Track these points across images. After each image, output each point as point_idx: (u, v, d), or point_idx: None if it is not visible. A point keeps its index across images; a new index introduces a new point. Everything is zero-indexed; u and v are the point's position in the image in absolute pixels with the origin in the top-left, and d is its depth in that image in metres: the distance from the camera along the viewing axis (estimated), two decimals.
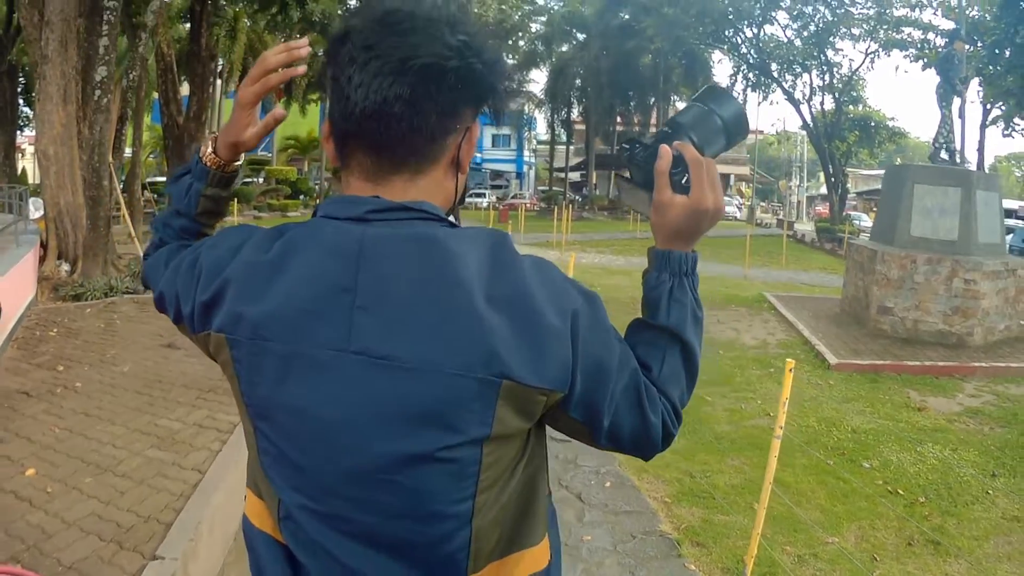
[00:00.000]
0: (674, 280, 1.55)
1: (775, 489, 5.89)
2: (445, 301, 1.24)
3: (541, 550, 1.44)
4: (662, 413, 1.44)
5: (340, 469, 1.31)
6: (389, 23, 1.33)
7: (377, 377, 1.25)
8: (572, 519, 5.63)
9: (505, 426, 1.27)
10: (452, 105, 1.34)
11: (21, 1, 13.62)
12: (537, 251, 23.89)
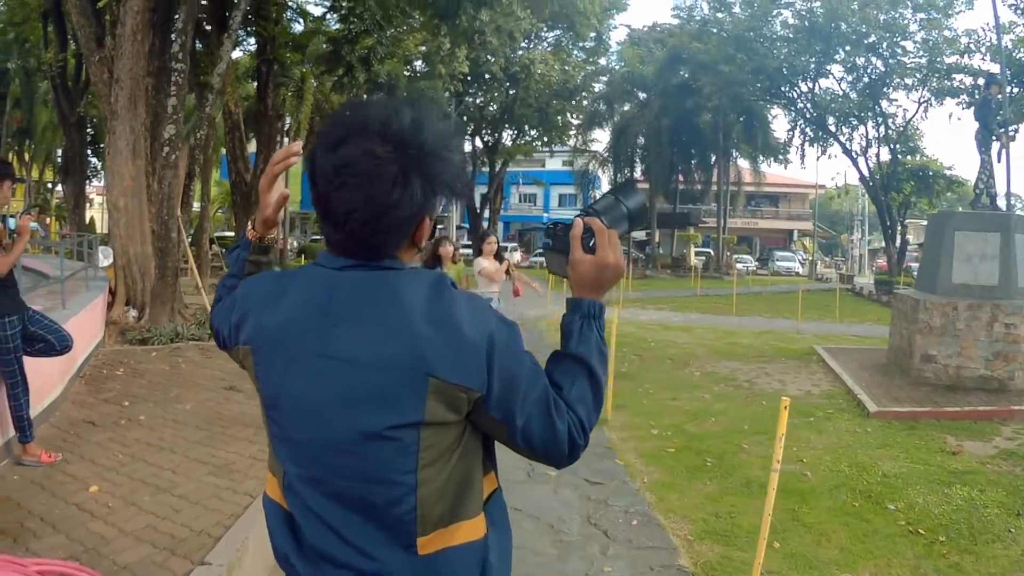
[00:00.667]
0: (583, 321, 1.94)
1: (796, 528, 5.90)
2: (391, 320, 1.71)
3: (477, 523, 1.82)
4: (568, 424, 1.84)
5: (321, 441, 1.76)
6: (341, 169, 1.71)
7: (345, 373, 1.71)
8: (596, 552, 5.72)
9: (435, 415, 1.69)
10: (406, 230, 1.78)
11: (91, 59, 14.02)
12: None
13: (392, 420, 1.68)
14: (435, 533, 1.76)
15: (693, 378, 12.74)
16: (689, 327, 20.70)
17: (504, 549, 1.93)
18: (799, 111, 46.70)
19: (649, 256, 59.80)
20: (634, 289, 34.96)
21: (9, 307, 6.24)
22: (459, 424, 1.75)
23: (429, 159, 1.73)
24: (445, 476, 1.75)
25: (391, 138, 1.71)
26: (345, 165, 1.70)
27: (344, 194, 1.71)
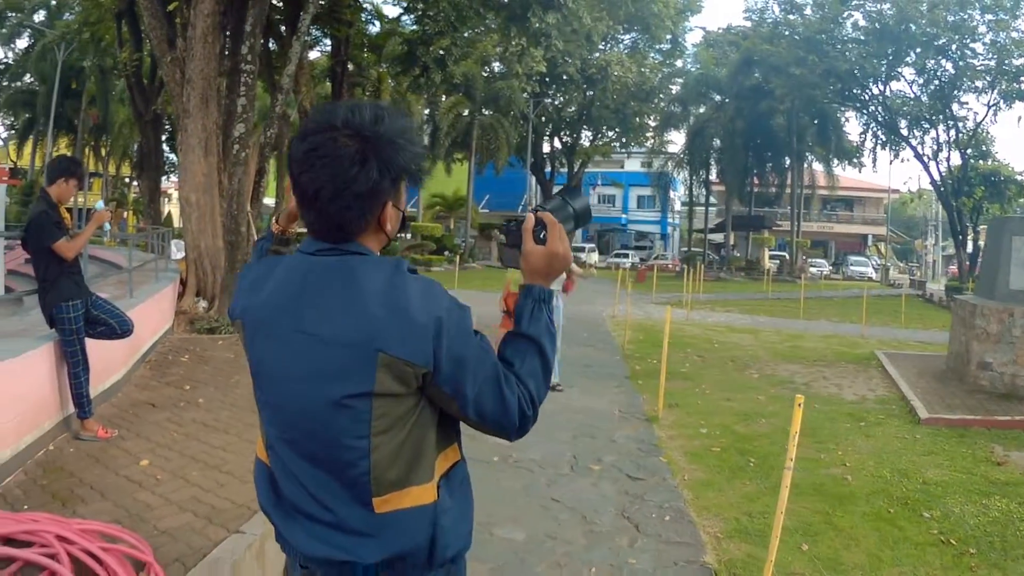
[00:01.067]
0: (534, 305, 2.15)
1: (827, 531, 5.82)
2: (349, 301, 1.93)
3: (427, 489, 1.99)
4: (519, 397, 2.03)
5: (293, 407, 2.00)
6: (307, 152, 1.95)
7: (312, 347, 1.94)
8: (624, 544, 5.76)
9: (384, 387, 1.89)
10: (366, 207, 1.97)
11: (163, 60, 14.27)
12: (665, 309, 24.10)
13: (347, 390, 1.89)
14: (389, 495, 1.96)
15: (751, 380, 12.62)
16: (755, 330, 20.50)
17: (460, 517, 2.10)
18: (871, 114, 45.94)
19: (724, 259, 59.20)
20: (706, 291, 34.67)
21: (74, 292, 6.57)
22: (411, 397, 1.94)
23: (385, 145, 1.95)
24: (398, 443, 1.94)
25: (352, 128, 1.93)
26: (313, 149, 1.94)
27: (312, 174, 1.94)
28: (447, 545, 2.04)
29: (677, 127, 60.30)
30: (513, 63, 30.26)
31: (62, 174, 6.61)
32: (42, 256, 6.49)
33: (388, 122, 1.98)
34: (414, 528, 1.99)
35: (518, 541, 5.80)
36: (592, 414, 9.92)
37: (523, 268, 2.18)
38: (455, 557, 2.11)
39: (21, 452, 6.02)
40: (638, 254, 67.93)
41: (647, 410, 10.13)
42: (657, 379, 10.34)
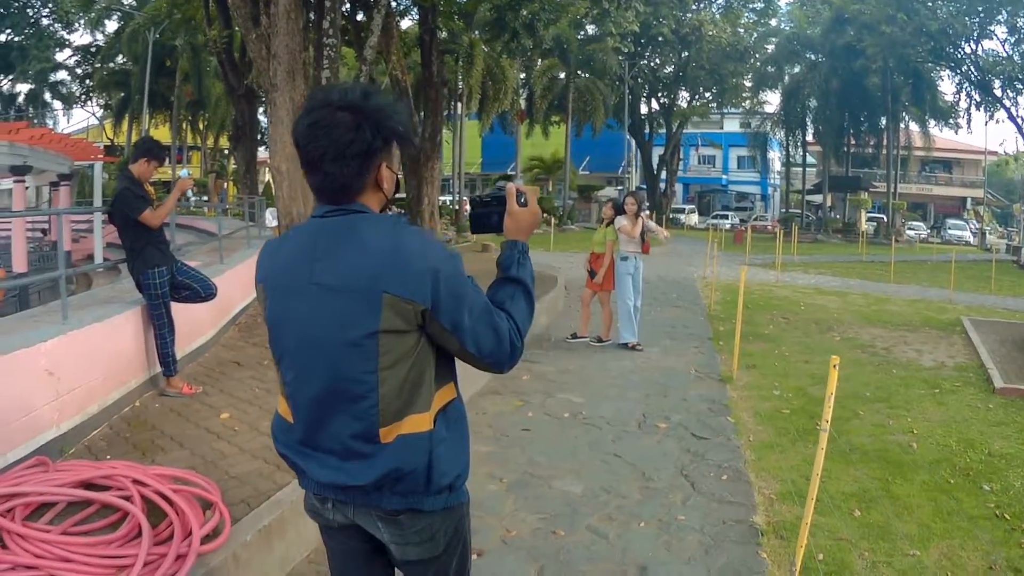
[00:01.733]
0: (520, 255, 2.46)
1: (883, 499, 5.70)
2: (355, 253, 2.18)
3: (424, 417, 2.23)
4: (508, 328, 2.30)
5: (309, 349, 2.24)
6: (309, 125, 2.23)
7: (324, 296, 2.20)
8: (677, 501, 5.77)
9: (390, 324, 2.13)
10: (361, 168, 2.24)
11: (249, 37, 14.41)
12: (759, 271, 23.84)
13: (357, 330, 2.14)
14: (392, 424, 2.20)
15: (832, 343, 12.36)
16: (844, 293, 20.05)
17: (454, 449, 2.33)
18: (964, 74, 44.04)
19: (821, 220, 57.69)
20: (801, 253, 33.94)
21: (159, 259, 6.87)
22: (413, 334, 2.19)
23: (374, 112, 2.23)
24: (402, 377, 2.18)
25: (346, 103, 2.22)
26: (315, 123, 2.22)
27: (316, 143, 2.21)
28: (443, 472, 2.28)
29: (772, 87, 58.80)
30: (607, 22, 29.80)
31: (144, 155, 6.92)
32: (128, 228, 6.80)
33: (376, 97, 2.28)
34: (411, 452, 2.22)
35: (574, 494, 5.85)
36: (669, 374, 9.87)
37: (507, 227, 2.50)
38: (452, 485, 2.32)
39: (108, 407, 6.30)
40: (738, 215, 66.57)
41: (723, 371, 10.01)
42: (740, 340, 10.19)
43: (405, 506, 2.27)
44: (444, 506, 2.33)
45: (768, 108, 62.17)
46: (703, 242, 31.64)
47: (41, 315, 6.67)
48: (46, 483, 4.19)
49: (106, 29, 53.31)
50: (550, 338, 12.05)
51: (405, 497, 2.26)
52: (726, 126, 74.47)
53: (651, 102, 62.67)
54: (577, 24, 43.85)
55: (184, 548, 3.81)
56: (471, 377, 8.74)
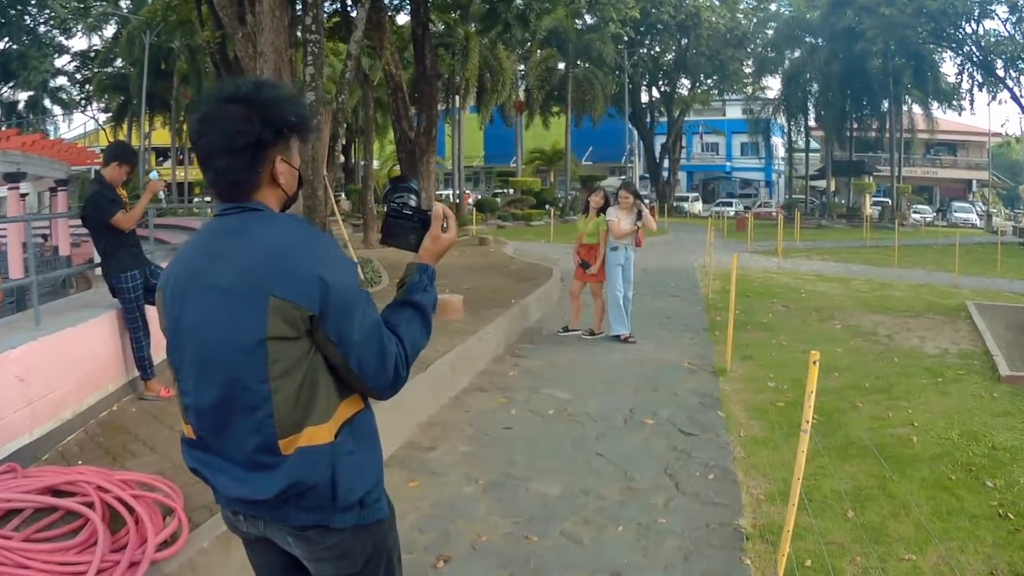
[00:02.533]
0: (428, 281, 2.36)
1: (879, 498, 5.36)
2: (246, 253, 2.07)
3: (324, 429, 2.10)
4: (396, 355, 2.17)
5: (204, 356, 2.11)
6: (200, 119, 2.14)
7: (216, 299, 2.08)
8: (659, 503, 5.46)
9: (277, 329, 2.01)
10: (252, 161, 2.13)
11: (236, 36, 14.28)
12: (760, 258, 23.52)
13: (245, 335, 2.03)
14: (291, 436, 2.07)
15: (833, 331, 12.02)
16: (846, 279, 19.66)
17: (362, 464, 2.20)
18: (966, 54, 43.62)
19: (824, 205, 57.23)
20: (804, 239, 33.59)
21: (131, 262, 6.81)
22: (303, 340, 2.06)
23: (264, 103, 2.14)
24: (295, 386, 2.06)
25: (236, 96, 2.14)
26: (203, 117, 2.14)
27: (206, 138, 2.13)
28: (351, 488, 2.16)
29: (772, 72, 58.41)
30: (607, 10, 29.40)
31: (115, 159, 6.90)
32: (100, 231, 6.75)
33: (269, 89, 2.20)
34: (311, 465, 2.08)
35: (552, 495, 5.57)
36: (660, 366, 9.54)
37: (425, 249, 2.39)
38: (362, 501, 2.21)
39: (83, 412, 6.21)
40: (742, 202, 66.10)
41: (717, 362, 9.67)
42: (737, 330, 9.87)
43: (312, 522, 2.17)
44: (356, 523, 2.22)
45: (769, 94, 61.88)
46: (704, 230, 31.34)
47: (18, 321, 6.70)
48: (13, 489, 4.24)
49: (104, 34, 53.32)
50: (541, 332, 11.74)
51: (311, 512, 2.16)
52: (728, 113, 74.07)
53: (651, 90, 62.34)
54: (575, 14, 43.48)
55: (138, 555, 3.80)
56: (458, 373, 8.45)
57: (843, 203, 58.44)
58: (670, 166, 63.02)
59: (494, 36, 31.26)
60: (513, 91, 47.96)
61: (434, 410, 7.65)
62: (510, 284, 14.93)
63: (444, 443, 6.76)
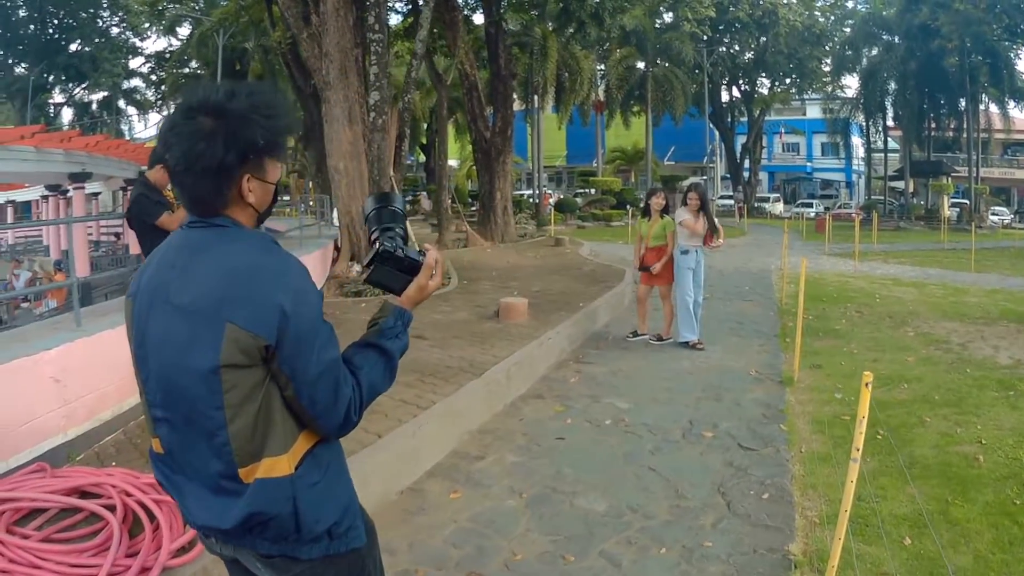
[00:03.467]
0: (403, 327, 2.28)
1: (937, 525, 5.07)
2: (206, 272, 1.96)
3: (281, 460, 2.00)
4: (350, 398, 2.06)
5: (164, 378, 2.01)
6: (166, 134, 2.02)
7: (175, 317, 1.98)
8: (708, 524, 5.20)
9: (231, 357, 1.90)
10: (218, 182, 2.00)
11: (301, 36, 14.30)
12: (837, 261, 22.94)
13: (200, 359, 1.92)
14: (251, 465, 1.98)
15: (905, 338, 11.55)
16: (922, 283, 18.95)
17: (327, 495, 2.10)
18: None
19: (903, 207, 55.55)
20: (881, 241, 32.66)
21: None
22: (258, 369, 1.95)
23: (234, 120, 1.97)
24: (251, 415, 1.95)
25: (206, 106, 1.98)
26: (171, 128, 2.00)
27: (172, 151, 1.99)
28: (316, 519, 2.06)
29: (851, 70, 56.89)
30: (682, 8, 28.86)
31: (160, 161, 6.72)
32: (146, 233, 6.63)
33: (242, 99, 2.01)
34: (269, 497, 1.99)
35: (596, 512, 5.38)
36: (726, 375, 9.26)
37: (409, 295, 2.32)
38: (331, 532, 2.11)
39: (124, 413, 6.25)
40: (823, 203, 64.61)
41: (785, 371, 9.35)
42: (808, 337, 9.53)
43: (278, 552, 2.08)
44: (325, 554, 2.12)
45: (848, 92, 60.41)
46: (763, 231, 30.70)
47: (60, 322, 6.77)
48: (39, 489, 4.27)
49: (178, 35, 54.24)
50: (608, 337, 11.53)
51: (276, 543, 2.07)
52: (808, 112, 72.51)
53: (731, 89, 61.35)
54: (653, 12, 43.00)
55: (151, 560, 3.79)
56: (514, 379, 8.31)
57: (922, 204, 56.75)
58: (751, 166, 61.99)
59: (569, 35, 30.96)
60: (592, 90, 47.63)
61: (487, 417, 7.52)
62: (580, 286, 14.75)
63: (493, 452, 6.62)
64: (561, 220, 39.58)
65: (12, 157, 21.90)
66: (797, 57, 53.50)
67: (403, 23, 27.69)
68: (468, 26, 26.48)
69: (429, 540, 4.93)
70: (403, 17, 29.02)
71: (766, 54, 54.13)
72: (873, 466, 6.17)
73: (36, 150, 22.83)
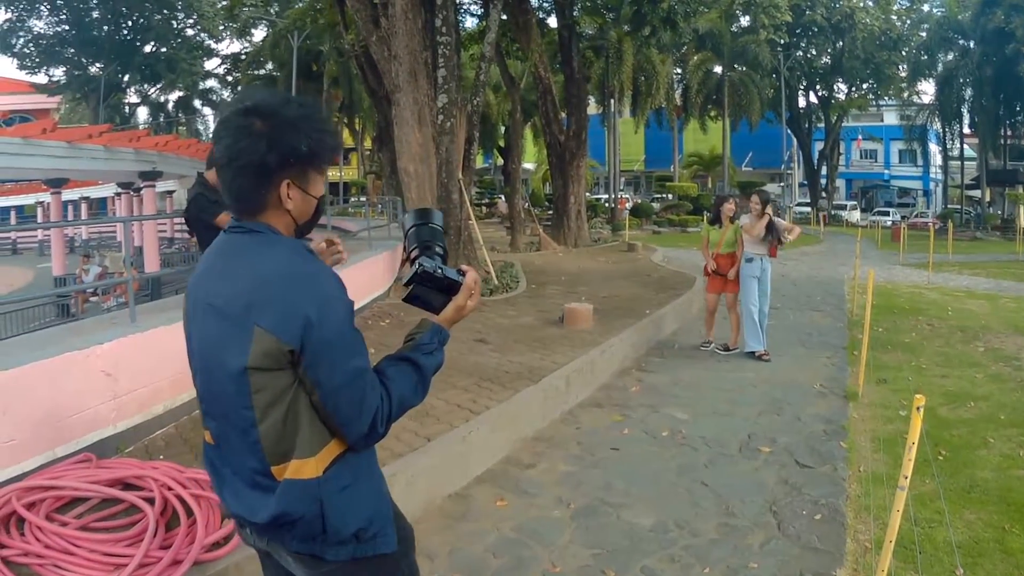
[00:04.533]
0: (440, 344, 2.29)
1: (994, 553, 4.89)
2: (239, 276, 2.03)
3: (309, 463, 2.03)
4: (378, 408, 2.05)
5: (203, 375, 2.14)
6: (216, 129, 2.13)
7: (211, 317, 2.07)
8: (755, 544, 5.06)
9: (258, 360, 1.95)
10: (257, 181, 2.06)
11: (370, 39, 14.33)
12: (911, 272, 22.33)
13: (232, 359, 1.99)
14: (281, 465, 2.03)
15: (975, 354, 11.16)
16: (995, 296, 18.28)
17: (357, 499, 2.12)
18: None
19: (979, 217, 53.75)
20: (957, 252, 31.63)
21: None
22: (286, 374, 1.98)
23: (282, 124, 2.04)
24: (279, 417, 2.00)
25: (259, 108, 2.05)
26: (223, 122, 2.10)
27: (220, 145, 2.06)
28: (344, 523, 2.09)
29: (927, 76, 55.26)
30: (758, 13, 28.35)
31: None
32: (203, 232, 6.78)
33: (295, 108, 2.09)
34: (296, 499, 2.03)
35: (642, 526, 5.29)
36: (790, 388, 9.05)
37: (447, 315, 2.34)
38: (358, 535, 2.13)
39: (176, 408, 6.35)
40: (900, 211, 62.97)
41: (850, 385, 9.09)
42: (876, 350, 9.27)
43: (307, 551, 2.11)
44: (352, 557, 2.14)
45: (924, 99, 58.81)
46: (862, 240, 30.05)
47: (116, 317, 6.95)
48: (83, 479, 4.37)
49: (253, 38, 54.85)
50: (673, 345, 11.38)
51: (304, 542, 2.10)
52: (886, 119, 70.75)
53: (808, 95, 60.18)
54: (730, 16, 42.42)
55: (183, 554, 3.83)
56: (573, 388, 8.25)
57: (998, 214, 54.92)
58: (828, 173, 60.74)
59: (643, 39, 30.69)
60: (669, 94, 47.20)
61: (543, 424, 7.47)
62: (649, 293, 14.59)
63: (545, 461, 6.57)
64: (636, 225, 39.30)
65: (83, 155, 22.61)
66: (874, 62, 52.08)
67: (478, 27, 27.71)
68: (541, 29, 26.37)
69: (469, 547, 4.91)
70: (478, 20, 29.06)
71: (843, 59, 52.84)
72: (930, 488, 5.94)
73: (106, 148, 23.49)
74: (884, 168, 74.71)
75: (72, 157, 22.15)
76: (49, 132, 21.72)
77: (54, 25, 52.16)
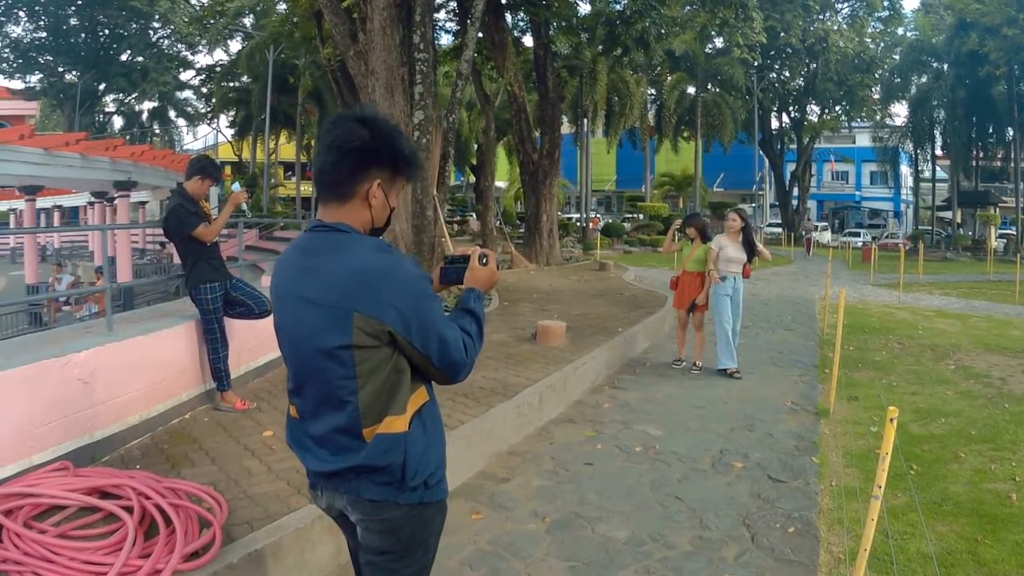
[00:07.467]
0: (475, 297, 2.72)
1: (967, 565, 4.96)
2: (332, 271, 2.40)
3: (401, 420, 2.47)
4: (464, 343, 2.54)
5: (299, 356, 2.52)
6: (329, 124, 2.51)
7: (305, 308, 2.45)
8: (729, 556, 5.10)
9: (360, 340, 2.35)
10: (357, 166, 2.45)
11: (347, 54, 14.40)
12: (881, 292, 22.57)
13: (333, 341, 2.38)
14: (373, 425, 2.44)
15: (946, 372, 11.30)
16: (966, 315, 18.53)
17: (427, 449, 2.55)
18: None
19: (950, 237, 54.49)
20: (927, 272, 31.97)
21: (211, 274, 6.82)
22: (385, 348, 2.40)
23: (390, 132, 2.51)
24: (379, 384, 2.41)
25: (363, 118, 2.47)
26: (336, 119, 2.52)
27: (325, 137, 2.47)
28: (417, 470, 2.49)
29: (900, 98, 56.05)
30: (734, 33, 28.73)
31: (198, 173, 6.89)
32: (182, 243, 6.79)
33: (392, 124, 2.56)
34: (387, 449, 2.44)
35: (616, 540, 5.31)
36: (761, 405, 9.12)
37: (468, 278, 2.77)
38: (427, 482, 2.54)
39: (152, 418, 6.32)
40: (870, 232, 63.66)
41: (821, 403, 9.19)
42: (846, 368, 9.34)
43: (381, 496, 2.48)
44: (419, 501, 2.53)
45: (897, 121, 59.60)
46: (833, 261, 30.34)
47: (93, 326, 6.84)
48: (60, 487, 4.33)
49: (229, 49, 54.67)
50: (646, 363, 11.42)
51: (381, 487, 2.48)
52: (858, 140, 71.74)
53: (781, 116, 60.80)
54: (704, 37, 42.82)
55: (162, 563, 3.84)
56: (547, 404, 8.27)
57: (969, 235, 55.72)
58: (799, 194, 61.31)
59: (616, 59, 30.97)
60: (643, 115, 47.50)
61: (517, 439, 7.49)
62: (621, 311, 14.64)
63: (519, 475, 6.59)
64: (608, 244, 39.44)
65: (59, 163, 22.37)
66: (847, 84, 52.71)
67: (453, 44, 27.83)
68: (517, 48, 26.45)
69: (445, 561, 4.89)
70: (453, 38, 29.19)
71: (816, 80, 53.50)
72: (902, 502, 6.03)
73: (82, 157, 23.30)
74: (855, 189, 75.64)
75: (48, 164, 21.88)
76: (27, 138, 21.44)
77: (31, 32, 52.23)
